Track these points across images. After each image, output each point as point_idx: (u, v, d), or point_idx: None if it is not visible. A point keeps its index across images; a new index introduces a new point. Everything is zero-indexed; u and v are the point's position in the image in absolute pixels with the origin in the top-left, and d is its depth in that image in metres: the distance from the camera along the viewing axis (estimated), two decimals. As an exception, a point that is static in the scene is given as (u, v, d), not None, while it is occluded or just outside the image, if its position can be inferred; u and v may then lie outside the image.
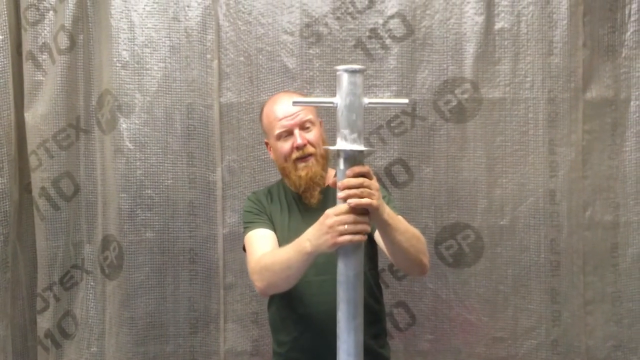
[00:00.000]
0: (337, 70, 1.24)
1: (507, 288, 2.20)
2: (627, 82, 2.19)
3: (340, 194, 1.30)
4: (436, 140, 2.19)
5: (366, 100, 1.26)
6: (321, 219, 1.35)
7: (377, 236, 1.62)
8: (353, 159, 1.27)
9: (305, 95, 1.84)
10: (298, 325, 1.66)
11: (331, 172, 1.79)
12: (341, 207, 1.31)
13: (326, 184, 1.71)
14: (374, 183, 1.31)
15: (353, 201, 1.28)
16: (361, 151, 1.27)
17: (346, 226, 1.29)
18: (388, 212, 1.39)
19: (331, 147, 1.30)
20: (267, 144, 1.77)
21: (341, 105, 1.25)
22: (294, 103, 1.38)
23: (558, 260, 2.18)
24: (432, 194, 2.20)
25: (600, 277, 2.20)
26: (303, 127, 1.65)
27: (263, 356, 2.19)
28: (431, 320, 2.22)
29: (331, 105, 1.27)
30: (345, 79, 1.23)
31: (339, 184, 1.30)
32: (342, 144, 1.26)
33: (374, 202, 1.30)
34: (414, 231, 1.52)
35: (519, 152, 2.18)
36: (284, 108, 1.66)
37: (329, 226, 1.31)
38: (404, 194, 2.19)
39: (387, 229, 1.41)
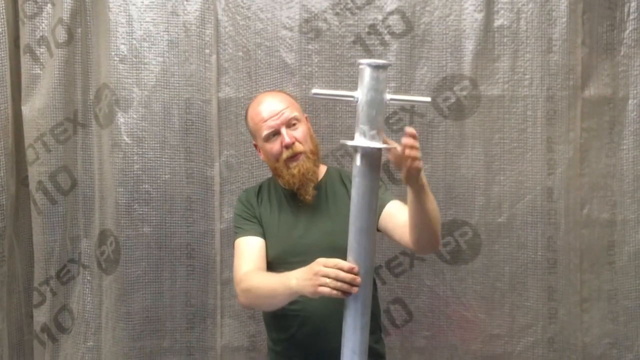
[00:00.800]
0: (360, 64, 1.21)
1: (504, 285, 2.20)
2: (625, 81, 2.19)
3: (407, 144, 1.28)
4: (434, 137, 2.19)
5: (388, 96, 1.24)
6: (313, 263, 1.38)
7: (384, 221, 1.63)
8: (371, 156, 1.25)
9: (288, 94, 1.82)
10: (293, 323, 1.66)
11: (323, 168, 1.79)
12: (332, 261, 1.33)
13: (319, 180, 1.71)
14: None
15: (410, 159, 1.29)
16: (380, 149, 1.24)
17: (328, 280, 1.32)
18: (425, 177, 1.41)
19: (350, 143, 1.27)
20: (255, 146, 1.78)
21: (362, 101, 1.22)
22: (314, 94, 1.33)
23: (555, 258, 2.18)
24: (430, 191, 2.19)
25: (597, 274, 2.20)
26: (289, 125, 1.66)
27: (260, 352, 2.19)
28: (428, 317, 2.22)
29: (351, 99, 1.24)
30: (367, 73, 1.20)
31: (408, 135, 1.28)
32: (361, 140, 1.24)
33: (422, 163, 1.33)
34: (436, 207, 1.52)
35: (517, 149, 2.18)
36: (268, 108, 1.66)
37: (315, 273, 1.35)
38: (402, 190, 2.16)
39: (422, 194, 1.41)
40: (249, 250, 1.66)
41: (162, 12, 2.16)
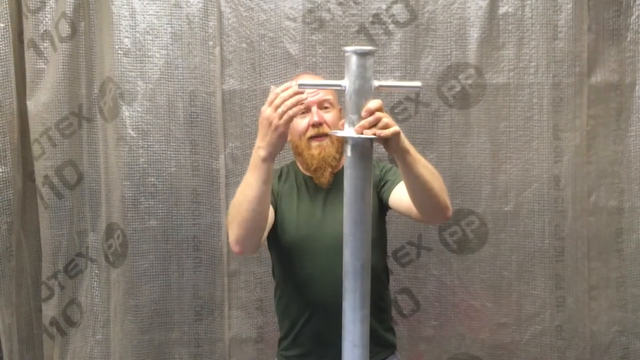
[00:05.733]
0: (346, 52, 1.18)
1: (511, 274, 2.19)
2: (632, 67, 2.17)
3: (366, 128, 1.21)
4: (440, 126, 2.18)
5: (376, 83, 1.20)
6: (259, 122, 1.35)
7: (394, 198, 1.60)
8: (362, 146, 1.21)
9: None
10: (304, 312, 1.66)
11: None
12: (269, 99, 1.32)
13: (339, 168, 1.70)
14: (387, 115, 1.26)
15: (382, 132, 1.21)
16: (371, 138, 1.21)
17: (279, 111, 1.30)
18: (408, 141, 1.35)
19: (339, 133, 1.24)
20: None
21: (350, 90, 1.19)
22: (300, 85, 1.30)
23: (562, 246, 2.17)
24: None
25: (605, 262, 2.19)
26: (322, 106, 1.64)
27: (268, 343, 2.20)
28: (435, 306, 2.22)
29: (339, 88, 1.21)
30: (354, 61, 1.17)
31: (364, 115, 1.21)
32: (351, 131, 1.21)
33: (396, 127, 1.26)
34: (432, 167, 1.47)
35: (523, 137, 2.17)
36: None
37: (266, 118, 1.32)
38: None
39: (408, 158, 1.35)
40: None
41: (165, 4, 2.15)
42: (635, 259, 2.18)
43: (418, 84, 1.33)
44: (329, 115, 1.64)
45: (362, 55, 1.17)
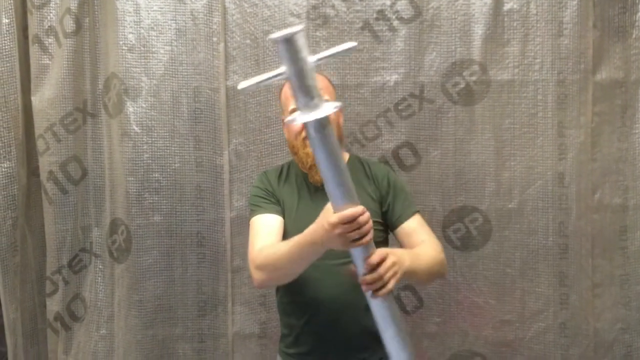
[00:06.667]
0: (275, 40, 1.16)
1: (515, 271, 2.19)
2: (637, 64, 2.16)
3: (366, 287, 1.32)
4: (444, 123, 2.17)
5: (313, 58, 1.18)
6: (324, 223, 1.33)
7: (400, 236, 1.68)
8: (321, 124, 1.20)
9: (327, 78, 1.79)
10: (307, 310, 1.66)
11: (345, 155, 1.77)
12: (344, 215, 1.28)
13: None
14: (388, 257, 1.33)
15: (382, 292, 1.31)
16: (327, 116, 1.20)
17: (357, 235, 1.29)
18: (408, 265, 1.41)
19: (296, 121, 1.22)
20: (283, 121, 1.76)
21: (291, 75, 1.17)
22: (241, 89, 1.25)
23: (566, 243, 2.17)
24: (440, 177, 2.19)
25: (609, 260, 2.19)
26: None
27: (271, 338, 2.20)
28: (438, 303, 2.22)
29: (281, 77, 1.19)
30: (284, 47, 1.15)
31: (362, 281, 1.32)
32: (305, 115, 1.19)
33: (398, 277, 1.34)
34: (432, 256, 1.57)
35: (527, 134, 2.16)
36: None
37: (338, 235, 1.30)
38: (411, 177, 2.18)
39: (410, 277, 1.43)
40: (266, 228, 1.62)
41: (170, 0, 2.15)
42: (639, 256, 2.17)
43: (353, 43, 1.26)
44: None
45: (289, 40, 1.15)
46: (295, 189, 1.72)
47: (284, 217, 1.68)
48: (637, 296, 2.18)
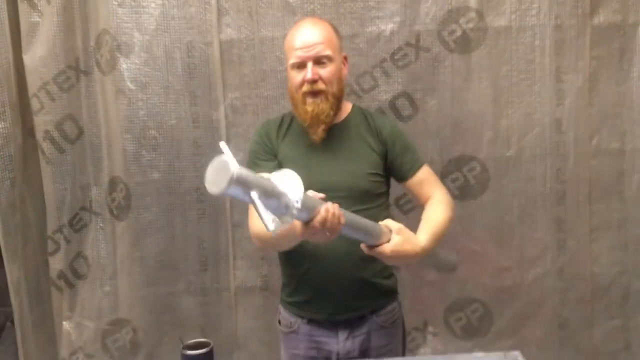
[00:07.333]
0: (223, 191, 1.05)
1: (513, 219, 2.21)
2: (635, 7, 2.13)
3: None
4: (441, 72, 2.15)
5: (244, 171, 1.09)
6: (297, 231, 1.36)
7: (410, 186, 1.74)
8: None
9: (333, 27, 1.71)
10: (306, 260, 1.67)
11: (348, 105, 1.75)
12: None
13: (340, 120, 1.69)
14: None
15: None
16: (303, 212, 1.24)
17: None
18: (422, 246, 1.55)
19: (279, 232, 1.21)
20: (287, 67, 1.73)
21: (254, 201, 1.11)
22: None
23: (564, 190, 2.18)
24: (438, 127, 2.18)
25: (606, 204, 2.20)
26: (319, 61, 1.60)
27: (272, 291, 2.22)
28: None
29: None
30: (235, 190, 1.07)
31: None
32: (285, 222, 1.21)
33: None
34: (444, 217, 1.66)
35: (525, 81, 2.14)
36: (302, 37, 1.61)
37: (320, 232, 1.32)
38: (408, 127, 2.16)
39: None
40: None
41: (159, -48, 2.10)
42: (637, 200, 2.19)
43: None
44: (326, 71, 1.61)
45: (234, 182, 1.03)
46: (294, 141, 1.71)
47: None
48: (634, 239, 2.21)
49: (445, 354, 2.25)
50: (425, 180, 1.72)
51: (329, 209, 1.30)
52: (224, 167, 1.02)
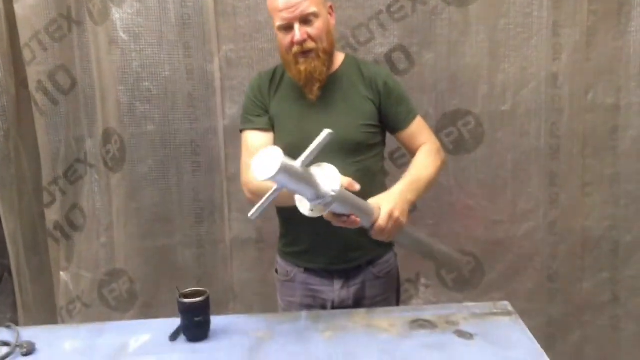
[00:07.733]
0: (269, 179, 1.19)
1: (507, 173, 2.22)
2: (635, -41, 2.11)
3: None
4: (438, 25, 2.13)
5: (298, 163, 1.23)
6: None
7: (401, 138, 1.72)
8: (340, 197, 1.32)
9: None
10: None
11: (340, 56, 1.73)
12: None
13: (334, 70, 1.67)
14: (393, 213, 1.45)
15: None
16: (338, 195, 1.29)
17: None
18: (410, 198, 1.53)
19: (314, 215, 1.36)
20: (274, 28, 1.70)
21: (293, 190, 1.29)
22: (251, 216, 1.36)
23: (558, 144, 2.19)
24: (434, 81, 2.17)
25: (600, 159, 2.21)
26: (305, 20, 1.55)
27: (267, 242, 2.25)
28: (432, 207, 2.26)
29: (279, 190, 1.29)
30: (280, 178, 1.20)
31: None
32: (319, 208, 1.35)
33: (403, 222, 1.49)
34: (431, 167, 1.65)
35: (522, 34, 2.12)
36: None
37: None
38: (404, 81, 2.15)
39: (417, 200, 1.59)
40: (256, 147, 1.62)
41: None
42: (630, 155, 2.19)
43: (328, 131, 1.28)
44: (313, 28, 1.56)
45: (275, 177, 1.18)
46: (287, 94, 1.68)
47: (273, 127, 1.67)
48: (626, 194, 2.23)
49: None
50: (418, 132, 1.71)
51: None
52: (276, 156, 1.18)
